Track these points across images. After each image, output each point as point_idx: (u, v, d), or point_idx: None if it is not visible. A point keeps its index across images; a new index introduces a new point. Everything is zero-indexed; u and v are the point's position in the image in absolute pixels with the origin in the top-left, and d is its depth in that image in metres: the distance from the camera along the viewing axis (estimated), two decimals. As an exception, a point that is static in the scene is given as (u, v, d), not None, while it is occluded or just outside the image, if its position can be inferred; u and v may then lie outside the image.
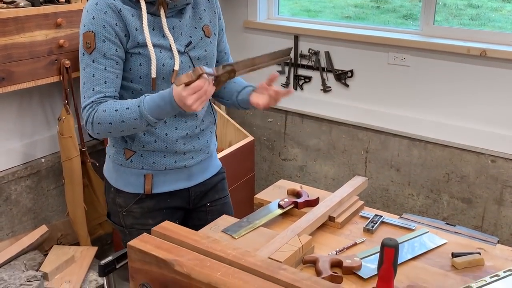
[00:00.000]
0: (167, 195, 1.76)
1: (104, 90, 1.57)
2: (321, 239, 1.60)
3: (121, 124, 1.54)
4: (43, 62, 2.42)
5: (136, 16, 1.58)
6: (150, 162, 1.70)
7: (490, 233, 2.84)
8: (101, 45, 1.55)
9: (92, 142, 2.88)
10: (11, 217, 2.65)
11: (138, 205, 1.74)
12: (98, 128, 1.57)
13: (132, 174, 1.72)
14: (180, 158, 1.73)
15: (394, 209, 3.14)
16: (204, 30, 1.72)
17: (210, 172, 1.86)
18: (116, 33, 1.56)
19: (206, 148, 1.80)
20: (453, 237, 1.61)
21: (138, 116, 1.52)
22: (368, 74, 3.09)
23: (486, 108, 2.76)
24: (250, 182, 3.14)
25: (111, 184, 1.77)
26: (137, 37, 1.58)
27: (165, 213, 1.77)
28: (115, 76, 1.58)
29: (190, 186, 1.80)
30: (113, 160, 1.74)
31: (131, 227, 1.76)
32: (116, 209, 1.78)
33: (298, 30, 3.26)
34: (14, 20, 2.27)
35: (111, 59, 1.56)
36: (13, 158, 2.64)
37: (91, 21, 1.55)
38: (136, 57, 1.60)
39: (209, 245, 1.23)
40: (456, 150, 2.85)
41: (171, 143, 1.70)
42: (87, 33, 1.55)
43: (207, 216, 1.87)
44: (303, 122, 3.38)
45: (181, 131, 1.70)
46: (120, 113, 1.53)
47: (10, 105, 2.59)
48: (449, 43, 2.77)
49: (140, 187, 1.73)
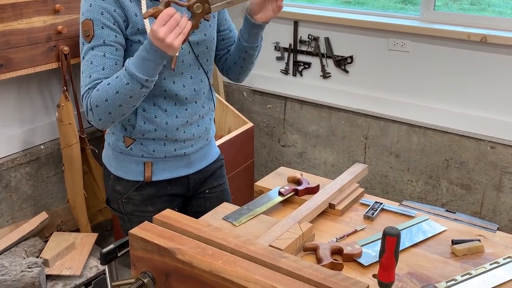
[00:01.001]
0: (166, 182, 1.76)
1: (102, 77, 1.53)
2: (322, 227, 1.60)
3: (116, 96, 1.47)
4: (42, 48, 2.41)
5: (134, 1, 1.56)
6: (150, 150, 1.70)
7: (489, 219, 2.85)
8: (100, 32, 1.52)
9: (92, 128, 2.88)
10: (11, 204, 2.66)
11: (138, 192, 1.75)
12: (97, 112, 1.52)
13: (132, 161, 1.72)
14: (180, 146, 1.73)
15: (393, 195, 3.15)
16: None
17: (209, 159, 1.86)
18: (114, 19, 1.53)
19: (205, 135, 1.80)
20: (453, 224, 1.62)
21: (128, 80, 1.46)
22: (368, 60, 3.08)
23: (486, 94, 2.75)
24: (249, 168, 3.15)
25: (110, 171, 1.77)
26: (137, 23, 1.56)
27: (165, 200, 1.77)
28: (114, 63, 1.55)
29: (189, 173, 1.80)
30: (113, 147, 1.73)
31: (131, 213, 1.77)
32: (115, 196, 1.78)
33: (298, 15, 3.23)
34: (12, 6, 2.25)
35: (110, 45, 1.54)
36: (12, 145, 2.64)
37: (89, 9, 1.53)
38: (136, 46, 1.57)
39: (211, 233, 1.24)
40: (455, 136, 2.85)
41: (172, 131, 1.69)
42: (86, 21, 1.53)
43: (206, 203, 1.87)
44: (303, 108, 3.38)
45: (182, 119, 1.69)
46: (111, 85, 1.48)
47: (9, 92, 2.58)
48: (449, 29, 2.76)
49: (140, 175, 1.73)
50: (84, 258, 2.58)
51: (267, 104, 3.53)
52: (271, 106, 3.51)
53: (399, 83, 3.00)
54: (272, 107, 3.52)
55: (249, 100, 3.60)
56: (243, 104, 3.62)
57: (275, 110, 3.50)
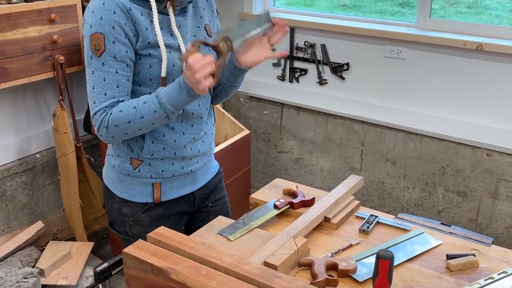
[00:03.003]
0: (174, 201, 1.75)
1: (117, 95, 1.53)
2: (317, 240, 1.60)
3: (140, 120, 1.50)
4: (37, 58, 2.40)
5: (145, 15, 1.54)
6: (159, 170, 1.68)
7: (485, 226, 2.86)
8: (111, 47, 1.49)
9: (87, 137, 2.87)
10: (6, 213, 2.65)
11: (146, 214, 1.73)
12: (114, 131, 1.52)
13: (140, 183, 1.69)
14: (187, 163, 1.72)
15: (390, 202, 3.16)
16: (206, 29, 1.71)
17: (211, 174, 1.86)
18: (125, 34, 1.51)
19: (208, 151, 1.80)
20: (448, 238, 1.62)
21: (157, 108, 1.49)
22: (364, 67, 3.08)
23: (482, 102, 2.75)
24: (246, 175, 3.15)
25: (115, 194, 1.73)
26: (148, 37, 1.54)
27: (173, 219, 1.76)
28: (126, 80, 1.54)
29: (194, 190, 1.80)
30: (119, 170, 1.70)
31: (138, 235, 1.71)
32: (121, 219, 1.75)
33: (294, 22, 3.23)
34: (7, 17, 2.25)
35: (121, 61, 1.51)
36: (8, 154, 2.63)
37: (99, 22, 1.48)
38: (146, 59, 1.55)
39: (205, 252, 1.24)
40: (451, 144, 2.86)
41: (180, 149, 1.68)
42: (95, 35, 1.49)
43: (209, 217, 1.86)
44: (299, 114, 3.38)
45: (189, 136, 1.69)
46: (138, 109, 1.50)
47: (4, 101, 2.57)
48: (445, 37, 2.76)
49: (149, 196, 1.71)
50: (80, 267, 2.58)
51: (263, 110, 3.52)
52: (267, 112, 3.51)
53: (395, 90, 3.00)
54: (268, 113, 3.51)
55: (245, 106, 3.60)
56: (239, 110, 3.62)
57: (271, 116, 3.50)
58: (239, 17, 3.43)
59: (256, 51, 1.64)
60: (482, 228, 2.87)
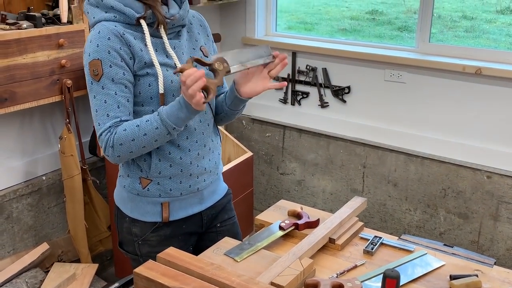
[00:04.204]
0: (182, 221, 1.78)
1: (119, 115, 1.59)
2: (322, 261, 1.63)
3: (143, 138, 1.57)
4: (45, 82, 2.45)
5: (138, 38, 1.62)
6: (167, 189, 1.72)
7: (487, 248, 2.88)
8: (109, 71, 1.57)
9: (93, 159, 2.91)
10: (12, 234, 2.67)
11: (155, 234, 1.76)
12: (119, 149, 1.59)
13: (149, 203, 1.73)
14: (194, 181, 1.76)
15: (392, 224, 3.18)
16: (202, 50, 1.77)
17: (219, 195, 1.89)
18: (121, 57, 1.58)
19: (215, 170, 1.83)
20: (451, 259, 1.65)
21: (159, 125, 1.55)
22: (365, 90, 3.13)
23: (481, 125, 2.80)
24: (249, 197, 3.17)
25: (125, 214, 1.77)
26: (143, 57, 1.61)
27: (181, 239, 1.79)
28: (126, 100, 1.60)
29: (202, 209, 1.82)
30: (129, 190, 1.74)
31: (147, 255, 1.75)
32: (131, 239, 1.78)
33: (296, 46, 3.30)
34: (17, 42, 2.30)
35: (119, 83, 1.59)
36: (14, 176, 2.66)
37: (96, 49, 1.57)
38: (145, 79, 1.62)
39: (214, 272, 1.26)
40: (452, 166, 2.89)
41: (186, 165, 1.72)
42: (93, 61, 1.57)
43: (218, 237, 1.87)
44: (301, 136, 3.42)
45: (194, 152, 1.73)
46: (141, 127, 1.56)
47: (12, 124, 2.62)
48: (444, 61, 2.82)
49: (158, 215, 1.74)
50: (85, 289, 2.59)
51: (266, 133, 3.57)
52: (270, 134, 3.55)
53: (396, 113, 3.04)
54: (271, 136, 3.56)
55: (248, 129, 3.64)
56: (242, 132, 3.66)
57: (274, 138, 3.54)
58: (242, 41, 3.49)
59: (256, 82, 1.70)
60: (484, 250, 2.89)
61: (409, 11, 4.70)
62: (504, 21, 4.47)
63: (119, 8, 1.60)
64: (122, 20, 1.61)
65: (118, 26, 1.60)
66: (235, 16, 3.51)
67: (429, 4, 2.88)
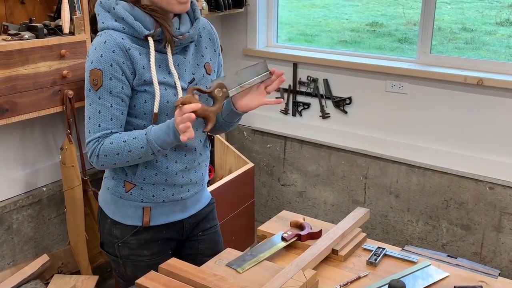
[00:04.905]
0: (162, 227, 1.80)
1: (110, 127, 1.62)
2: (325, 273, 1.61)
3: (127, 153, 1.59)
4: (47, 93, 2.44)
5: (143, 54, 1.62)
6: (150, 195, 1.74)
7: (490, 259, 2.86)
8: (108, 83, 1.58)
9: (94, 170, 2.90)
10: (12, 246, 2.65)
11: (134, 237, 1.78)
12: (103, 160, 1.62)
13: (131, 206, 1.75)
14: (178, 190, 1.77)
15: (394, 236, 3.16)
16: (205, 67, 1.77)
17: (202, 204, 1.91)
18: (123, 71, 1.59)
19: (201, 181, 1.85)
20: (455, 270, 1.63)
21: (144, 144, 1.58)
22: (366, 101, 3.13)
23: (483, 135, 2.79)
24: (250, 208, 3.16)
25: (107, 215, 1.80)
26: (144, 75, 1.62)
27: (160, 243, 1.81)
28: (120, 113, 1.63)
29: (184, 217, 1.84)
30: (112, 192, 1.77)
31: (126, 257, 1.80)
32: (111, 240, 1.81)
33: (297, 58, 3.30)
34: (19, 52, 2.30)
35: (117, 96, 1.60)
36: (15, 187, 2.65)
37: (99, 59, 1.58)
38: (142, 95, 1.63)
39: (217, 283, 1.25)
40: (454, 177, 2.88)
41: (171, 176, 1.73)
42: (94, 71, 1.58)
43: (199, 245, 1.92)
44: (302, 148, 3.41)
45: (181, 165, 1.74)
46: (127, 143, 1.59)
47: (13, 134, 2.61)
48: (446, 72, 2.82)
49: (138, 220, 1.76)
50: (85, 301, 2.57)
51: (267, 144, 3.56)
52: (271, 145, 3.55)
53: (397, 124, 3.04)
54: (272, 147, 3.55)
55: (249, 140, 3.63)
56: (243, 143, 3.66)
57: (275, 149, 3.54)
58: (243, 52, 3.50)
59: (252, 98, 1.71)
60: (487, 262, 2.87)
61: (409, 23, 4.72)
62: (504, 32, 4.49)
63: (129, 21, 1.60)
64: (131, 33, 1.61)
65: (126, 39, 1.60)
66: (236, 28, 3.52)
67: (429, 16, 2.89)
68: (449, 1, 4.66)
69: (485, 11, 4.63)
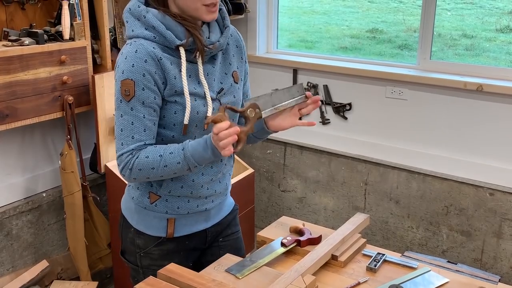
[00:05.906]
0: (186, 237, 1.77)
1: (144, 138, 1.58)
2: (324, 279, 1.61)
3: (163, 168, 1.56)
4: (47, 98, 2.45)
5: (175, 64, 1.59)
6: (174, 207, 1.71)
7: (490, 266, 2.85)
8: (140, 93, 1.55)
9: (93, 176, 2.90)
10: (11, 252, 2.65)
11: (158, 248, 1.75)
12: (136, 173, 1.58)
13: (155, 217, 1.73)
14: (202, 202, 1.75)
15: (394, 242, 3.15)
16: (233, 76, 1.74)
17: (225, 211, 1.88)
18: (155, 81, 1.56)
19: (225, 191, 1.83)
20: (455, 276, 1.63)
21: (181, 160, 1.55)
22: (366, 107, 3.13)
23: (483, 141, 2.79)
24: (250, 214, 3.15)
25: (131, 225, 1.77)
26: (175, 85, 1.59)
27: (182, 255, 1.78)
28: (152, 124, 1.59)
29: (207, 227, 1.82)
30: (137, 202, 1.74)
31: (147, 267, 1.76)
32: (133, 249, 1.78)
33: (297, 64, 3.31)
34: (19, 58, 2.30)
35: (149, 107, 1.57)
36: (14, 193, 2.65)
37: (131, 69, 1.54)
38: (172, 105, 1.60)
39: (215, 289, 1.25)
40: (454, 183, 2.88)
41: (197, 188, 1.71)
42: (126, 81, 1.54)
43: (220, 251, 1.87)
44: (302, 153, 3.41)
45: (207, 177, 1.72)
46: (163, 158, 1.56)
47: (13, 140, 2.61)
48: (445, 78, 2.82)
49: (162, 231, 1.74)
50: (84, 307, 2.56)
51: (267, 150, 3.56)
52: (271, 151, 3.55)
53: (397, 130, 3.04)
54: (272, 152, 3.55)
55: (249, 145, 3.63)
56: (243, 149, 3.65)
57: (275, 155, 3.54)
58: (243, 58, 3.49)
59: (285, 118, 1.69)
60: (487, 268, 2.86)
61: (409, 29, 4.73)
62: (504, 39, 4.49)
63: (161, 30, 1.56)
64: (162, 42, 1.57)
65: (157, 48, 1.57)
66: (236, 34, 3.52)
67: (429, 23, 2.90)
68: (449, 7, 4.67)
69: (485, 17, 4.63)
